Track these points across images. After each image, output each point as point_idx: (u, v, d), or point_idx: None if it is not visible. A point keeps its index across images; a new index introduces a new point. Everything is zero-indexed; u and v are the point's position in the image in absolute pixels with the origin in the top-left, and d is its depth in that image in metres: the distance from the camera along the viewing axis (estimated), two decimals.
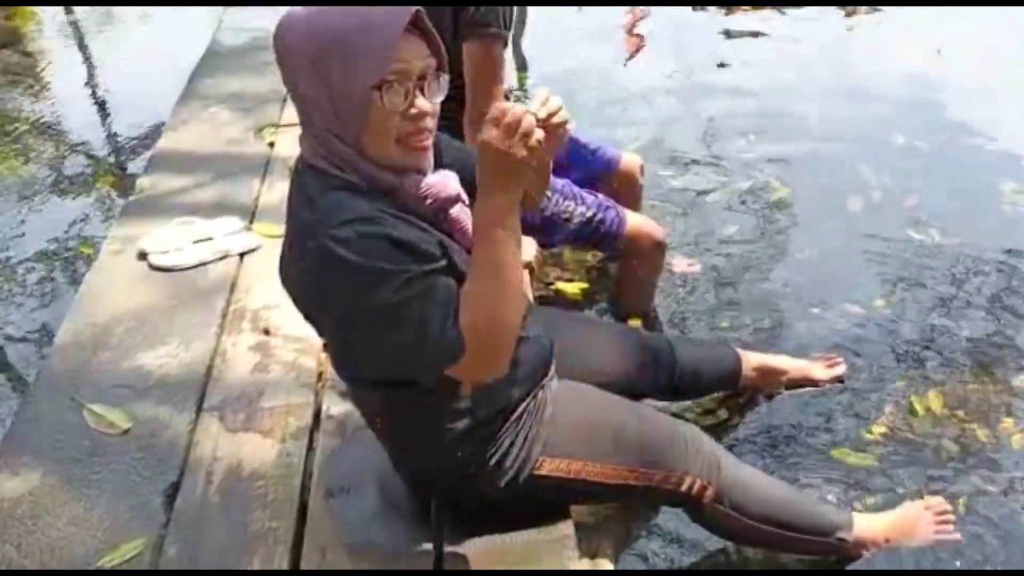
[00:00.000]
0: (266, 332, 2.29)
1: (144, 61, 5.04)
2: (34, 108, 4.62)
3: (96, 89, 4.93)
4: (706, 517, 1.83)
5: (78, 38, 5.64)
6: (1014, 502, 2.10)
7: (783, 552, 1.95)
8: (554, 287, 2.79)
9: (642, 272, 2.62)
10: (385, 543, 1.72)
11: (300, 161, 1.48)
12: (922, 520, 2.00)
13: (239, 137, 3.28)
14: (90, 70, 5.22)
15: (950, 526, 2.01)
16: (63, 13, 5.94)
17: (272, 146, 3.21)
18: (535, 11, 4.83)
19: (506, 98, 2.46)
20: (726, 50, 4.63)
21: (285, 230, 1.52)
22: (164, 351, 2.24)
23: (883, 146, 3.63)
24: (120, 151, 4.13)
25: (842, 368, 2.45)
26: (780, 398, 2.39)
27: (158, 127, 4.12)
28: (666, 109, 4.02)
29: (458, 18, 2.09)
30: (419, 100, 1.37)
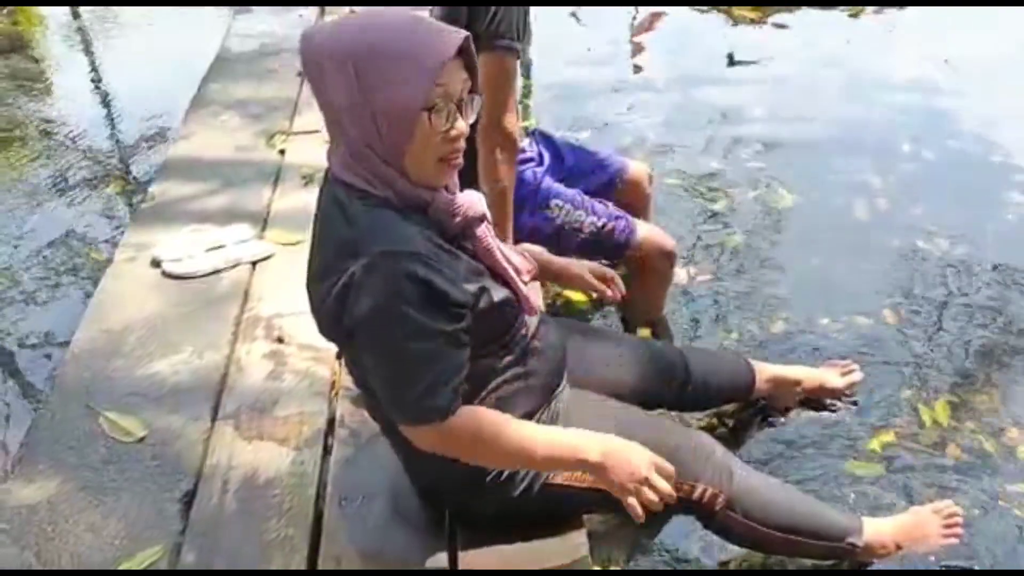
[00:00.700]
0: (280, 340, 2.30)
1: (151, 65, 5.03)
2: (41, 112, 4.61)
3: (103, 93, 4.93)
4: (718, 524, 1.84)
5: (85, 43, 5.64)
6: (1020, 511, 2.11)
7: (795, 557, 1.96)
8: (563, 297, 2.80)
9: (652, 281, 2.63)
10: (399, 552, 1.73)
11: (327, 173, 1.49)
12: (931, 524, 2.01)
13: (250, 144, 3.28)
14: (97, 74, 5.21)
15: (959, 529, 2.01)
16: (70, 17, 5.95)
17: (283, 154, 3.22)
18: (540, 19, 4.87)
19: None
20: (736, 56, 4.64)
21: (314, 241, 1.53)
22: (178, 359, 2.26)
23: (890, 154, 3.64)
24: (127, 156, 4.12)
25: (858, 375, 2.43)
26: (789, 408, 2.39)
27: (165, 132, 4.15)
28: (673, 117, 4.02)
29: (474, 33, 2.09)
30: (459, 122, 1.40)
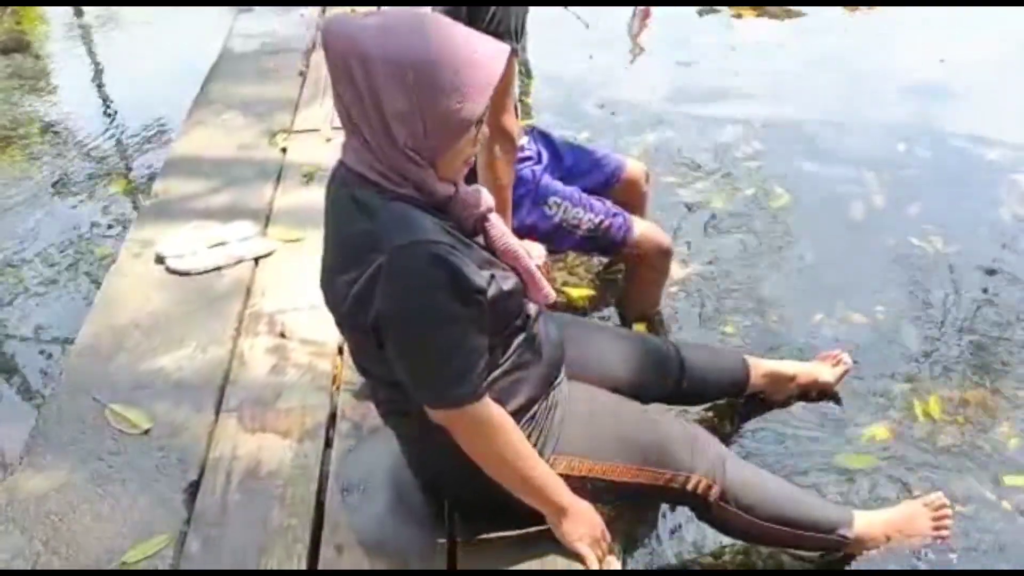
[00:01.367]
0: (282, 335, 2.34)
1: (153, 65, 5.05)
2: (44, 111, 4.65)
3: (106, 92, 4.96)
4: (712, 515, 1.87)
5: (87, 42, 5.67)
6: (1010, 504, 2.14)
7: (786, 548, 2.00)
8: (563, 293, 2.83)
9: (648, 278, 2.66)
10: (400, 542, 1.77)
11: (342, 168, 1.52)
12: (922, 517, 2.04)
13: (252, 142, 3.31)
14: (99, 74, 5.25)
15: (949, 522, 2.04)
16: (72, 17, 5.98)
17: (284, 152, 3.24)
18: (540, 18, 4.90)
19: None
20: (730, 55, 4.66)
21: (328, 238, 1.56)
22: (182, 353, 2.29)
23: (886, 153, 3.66)
24: (130, 154, 4.16)
25: (847, 364, 2.45)
26: (784, 403, 2.43)
27: (167, 130, 4.17)
28: (670, 115, 4.03)
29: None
30: (484, 127, 1.47)
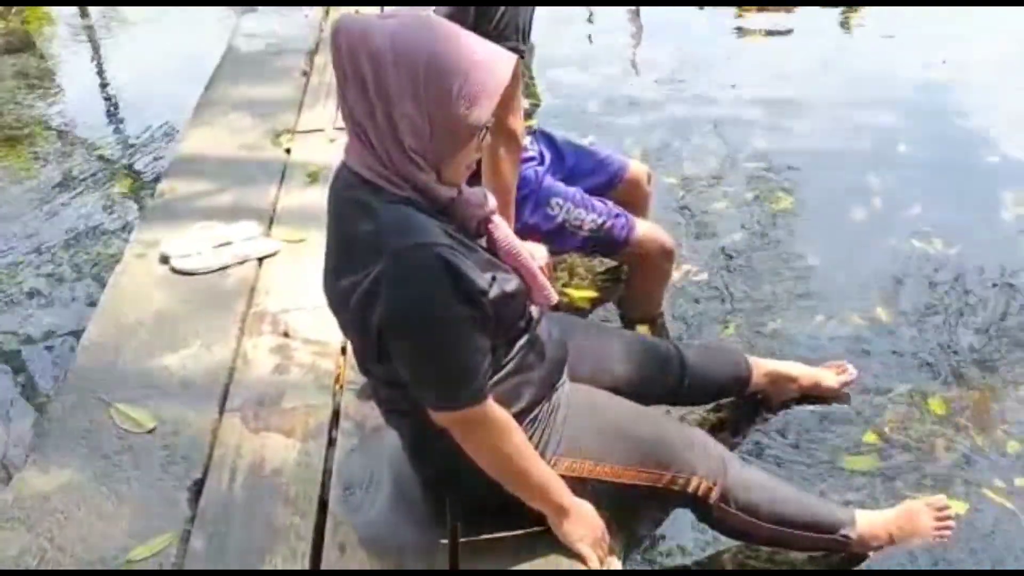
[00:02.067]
0: (285, 335, 2.35)
1: (158, 65, 5.08)
2: (50, 111, 4.67)
3: (111, 92, 4.98)
4: (713, 517, 1.88)
5: (93, 42, 5.70)
6: (1011, 505, 2.15)
7: (788, 549, 2.00)
8: (565, 295, 2.84)
9: (650, 279, 2.67)
10: (402, 541, 1.78)
11: (344, 170, 1.52)
12: (924, 518, 2.03)
13: (256, 143, 3.33)
14: (104, 73, 5.27)
15: (951, 522, 2.04)
16: (78, 17, 6.00)
17: (289, 152, 3.26)
18: (545, 19, 4.91)
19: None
20: (734, 57, 4.68)
21: (331, 241, 1.57)
22: (187, 353, 2.31)
23: (887, 155, 3.67)
24: (135, 154, 4.18)
25: (852, 375, 2.46)
26: (784, 403, 2.43)
27: (172, 130, 4.19)
28: (673, 116, 4.05)
29: (478, 32, 2.14)
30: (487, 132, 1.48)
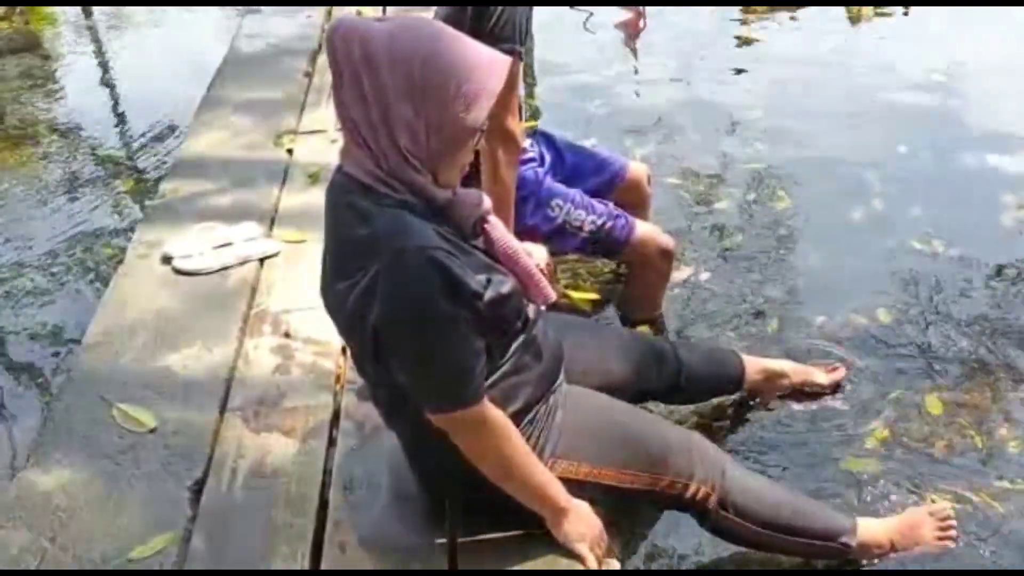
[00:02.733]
0: (286, 335, 2.36)
1: (161, 65, 5.11)
2: (53, 111, 4.69)
3: (114, 92, 5.00)
4: (711, 522, 1.88)
5: (96, 42, 5.71)
6: (1010, 505, 2.16)
7: (789, 556, 2.00)
8: (565, 295, 2.85)
9: (650, 279, 2.68)
10: (401, 540, 1.79)
11: (341, 174, 1.53)
12: (927, 526, 2.03)
13: (259, 143, 3.34)
14: (108, 74, 5.29)
15: (953, 532, 2.03)
16: (81, 17, 6.02)
17: (290, 153, 3.27)
18: (543, 19, 4.91)
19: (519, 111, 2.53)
20: (736, 58, 4.68)
21: (328, 244, 1.58)
22: (188, 353, 2.32)
23: (888, 156, 3.67)
24: (137, 154, 4.19)
25: (842, 373, 2.50)
26: (784, 403, 2.45)
27: (174, 130, 4.21)
28: (674, 117, 4.06)
29: (477, 35, 2.15)
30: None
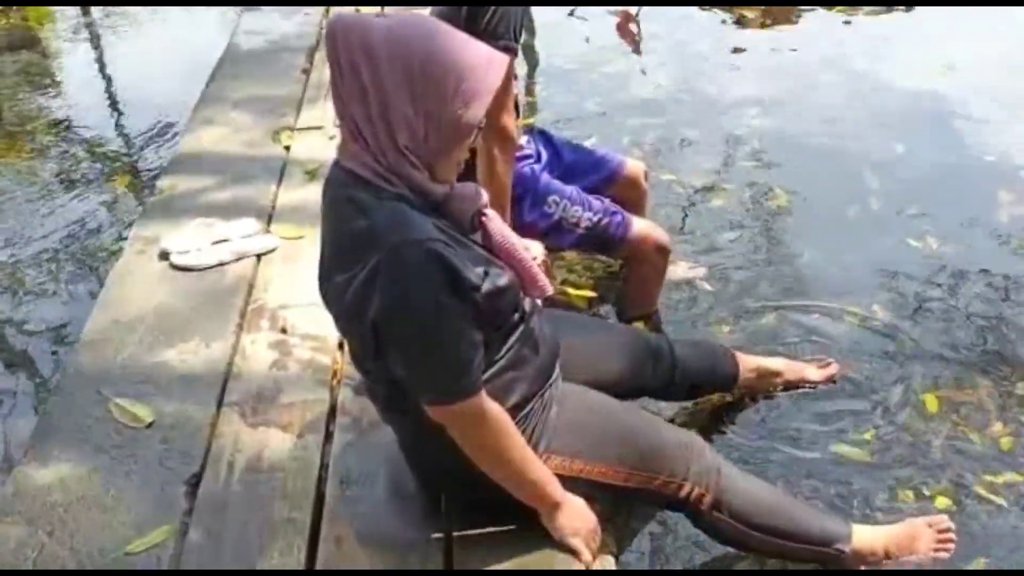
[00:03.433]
0: (283, 331, 2.37)
1: (159, 62, 5.11)
2: (51, 108, 4.68)
3: (112, 89, 5.00)
4: (705, 523, 1.89)
5: (94, 39, 5.72)
6: (1002, 501, 2.18)
7: (782, 559, 2.00)
8: (562, 293, 2.86)
9: (646, 276, 2.69)
10: (397, 535, 1.80)
11: (338, 169, 1.54)
12: (924, 536, 2.01)
13: (256, 140, 3.34)
14: (106, 71, 5.29)
15: (951, 545, 2.02)
16: (79, 15, 6.02)
17: (288, 149, 3.27)
18: (543, 18, 4.94)
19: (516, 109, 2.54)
20: (732, 55, 4.69)
21: (325, 237, 1.58)
22: (186, 348, 2.32)
23: (885, 155, 3.68)
24: (135, 150, 4.19)
25: (835, 368, 2.51)
26: (779, 401, 2.46)
27: (172, 127, 4.21)
28: (672, 115, 4.07)
29: (472, 33, 2.15)
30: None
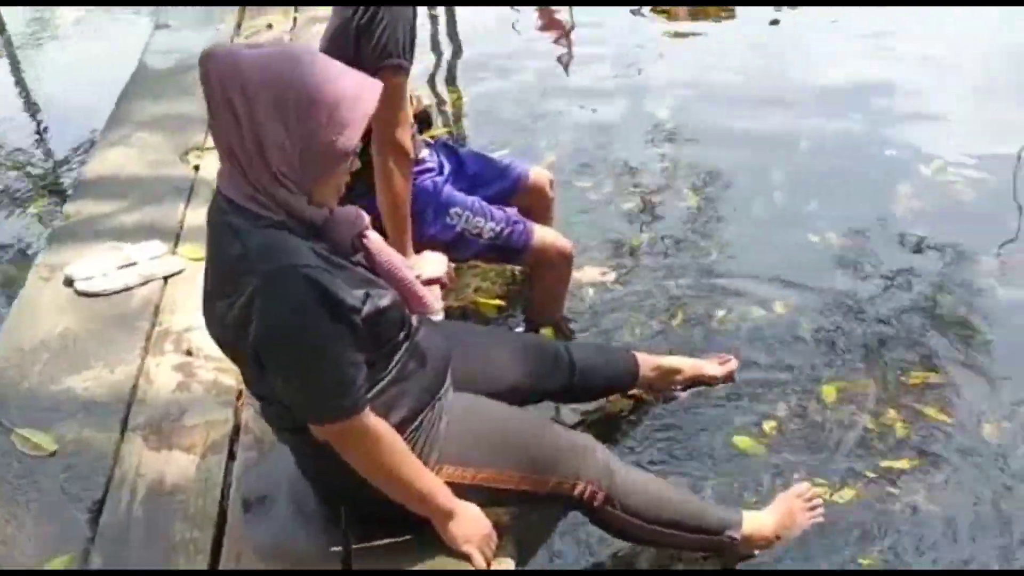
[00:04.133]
0: (188, 353, 2.39)
1: (78, 79, 5.04)
2: None
3: (31, 108, 4.94)
4: (599, 519, 1.96)
5: (11, 56, 5.63)
6: (892, 486, 2.26)
7: (675, 550, 2.07)
8: (472, 301, 2.91)
9: (551, 283, 2.74)
10: (298, 547, 1.83)
11: (218, 196, 1.57)
12: (799, 510, 2.13)
13: (165, 160, 3.33)
14: (24, 89, 5.23)
15: (820, 508, 2.15)
16: None
17: (197, 169, 3.27)
18: (471, 22, 4.98)
19: (419, 121, 2.58)
20: (656, 58, 4.77)
21: (208, 263, 1.62)
22: (90, 374, 2.33)
23: (791, 152, 3.78)
24: (55, 169, 4.16)
25: (734, 364, 2.58)
26: (679, 398, 2.52)
27: (93, 144, 4.17)
28: (589, 119, 4.13)
29: (360, 51, 2.20)
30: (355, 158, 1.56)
